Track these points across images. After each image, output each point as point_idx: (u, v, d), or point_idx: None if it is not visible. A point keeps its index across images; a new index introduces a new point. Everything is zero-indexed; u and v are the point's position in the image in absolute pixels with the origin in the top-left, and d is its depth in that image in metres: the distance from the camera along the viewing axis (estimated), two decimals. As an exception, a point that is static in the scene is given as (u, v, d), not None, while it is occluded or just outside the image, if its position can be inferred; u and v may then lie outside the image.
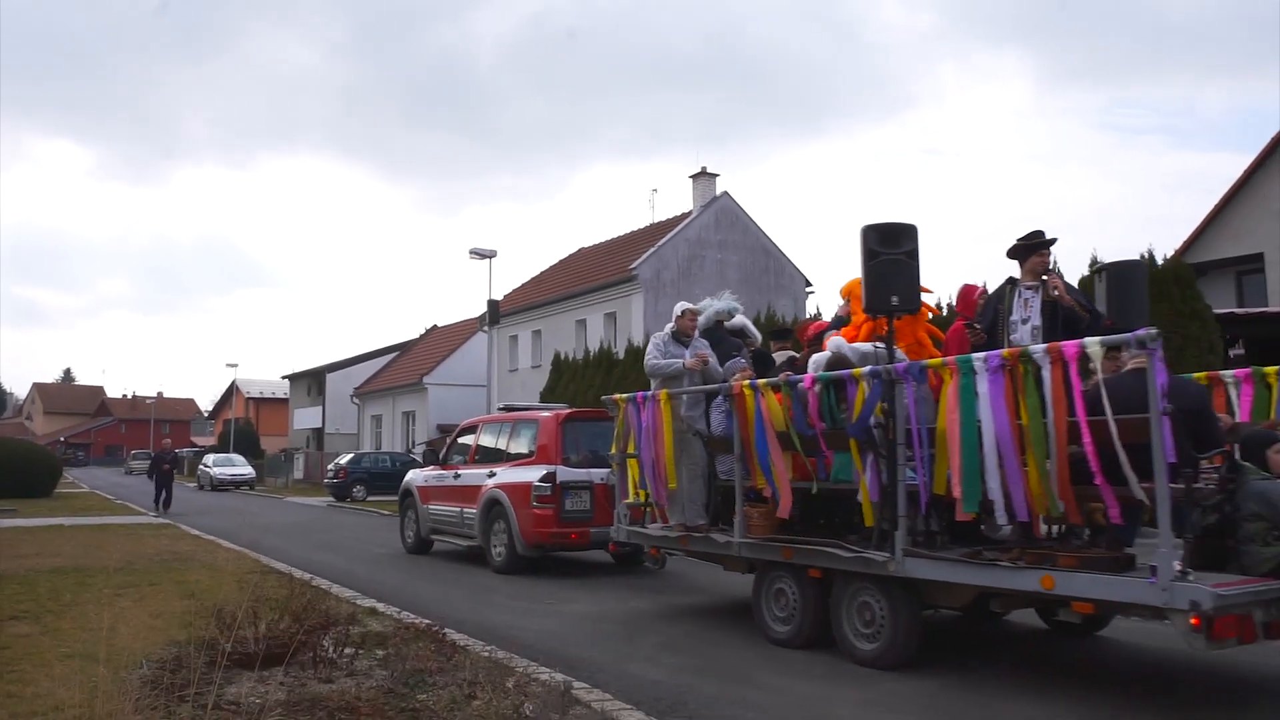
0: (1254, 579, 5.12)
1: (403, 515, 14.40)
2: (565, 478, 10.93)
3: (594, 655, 6.85)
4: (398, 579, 11.20)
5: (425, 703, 5.23)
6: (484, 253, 24.54)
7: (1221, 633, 4.84)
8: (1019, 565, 5.55)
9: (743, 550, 7.37)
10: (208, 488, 39.11)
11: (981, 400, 5.65)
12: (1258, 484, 5.41)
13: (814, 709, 5.42)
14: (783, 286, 32.46)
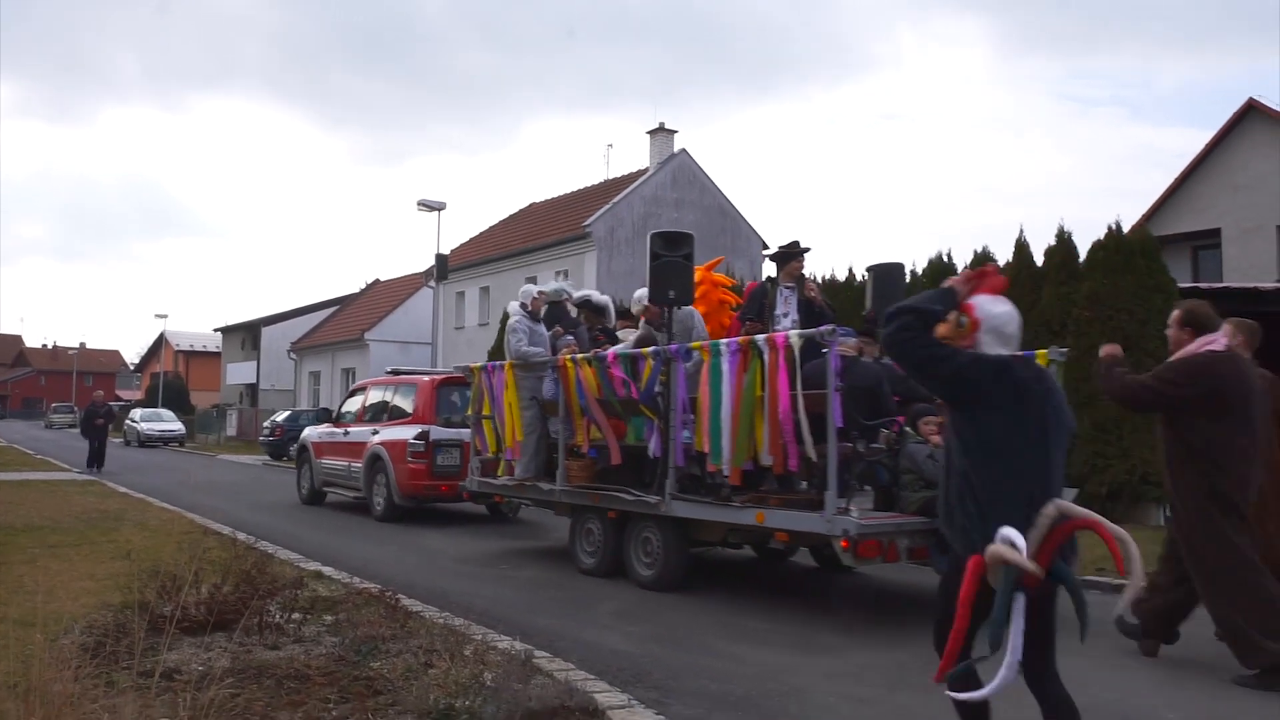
0: (902, 515, 6.76)
1: (299, 468, 15.78)
2: (438, 436, 12.32)
3: (551, 623, 6.70)
4: (342, 541, 10.94)
5: (380, 670, 5.01)
6: (432, 205, 24.03)
7: (865, 553, 6.38)
8: (744, 505, 7.16)
9: (562, 496, 8.81)
10: (135, 444, 38.16)
11: (724, 377, 7.14)
12: (910, 446, 6.98)
13: (780, 680, 5.33)
14: (739, 248, 32.34)
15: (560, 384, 8.73)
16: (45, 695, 3.27)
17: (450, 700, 4.45)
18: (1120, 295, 12.51)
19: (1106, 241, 12.93)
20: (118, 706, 3.46)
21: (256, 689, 4.68)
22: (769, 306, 8.37)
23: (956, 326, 3.51)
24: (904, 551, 6.59)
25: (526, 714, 4.35)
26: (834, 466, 6.36)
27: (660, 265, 8.05)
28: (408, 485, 12.42)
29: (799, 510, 6.80)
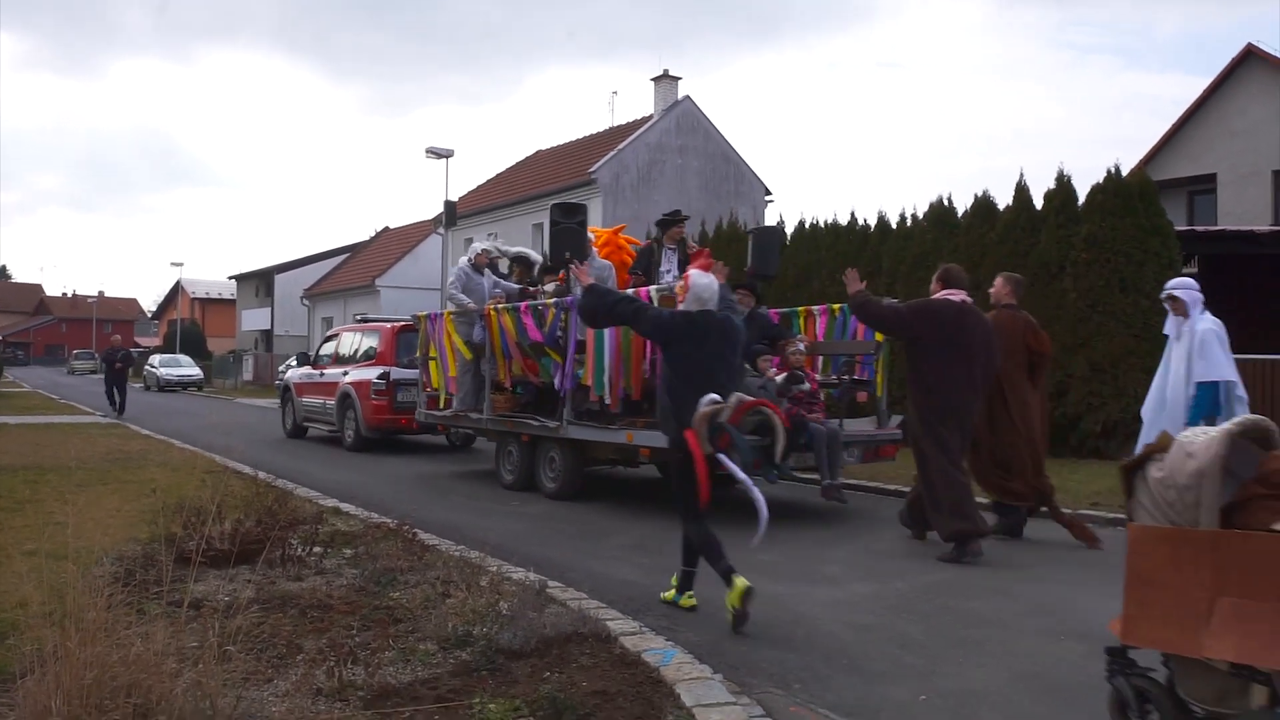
0: None
1: (283, 407, 17.64)
2: (398, 376, 13.92)
3: (563, 555, 6.88)
4: (358, 479, 11.14)
5: (399, 600, 5.22)
6: (441, 152, 23.97)
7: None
8: (619, 429, 8.58)
9: (488, 424, 10.54)
10: (154, 388, 38.58)
11: None
12: (748, 379, 8.02)
13: (787, 608, 5.50)
14: (743, 194, 32.20)
15: (486, 330, 10.25)
16: (80, 623, 3.42)
17: (468, 627, 4.63)
18: (1118, 238, 12.50)
19: (1105, 185, 12.88)
20: (150, 633, 3.61)
21: (281, 617, 4.88)
22: (655, 265, 9.92)
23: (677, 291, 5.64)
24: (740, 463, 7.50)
25: (542, 640, 4.54)
26: None
27: (559, 231, 9.72)
28: (372, 419, 14.23)
29: (647, 429, 8.25)
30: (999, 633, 5.07)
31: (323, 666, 4.06)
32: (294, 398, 16.90)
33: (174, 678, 3.42)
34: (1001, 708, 3.98)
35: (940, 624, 5.24)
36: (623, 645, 4.54)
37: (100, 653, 3.29)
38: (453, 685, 3.97)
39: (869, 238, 15.45)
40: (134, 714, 3.19)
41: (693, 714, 3.70)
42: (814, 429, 8.32)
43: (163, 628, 3.67)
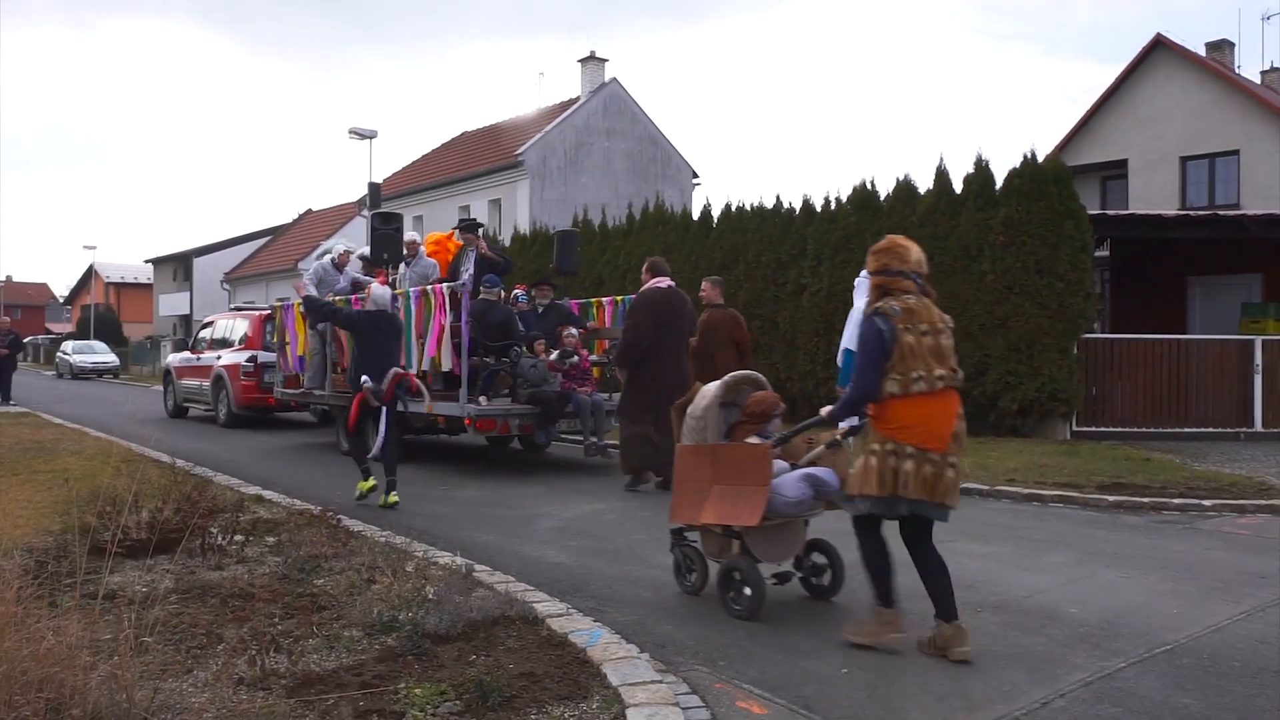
0: (514, 404, 10.28)
1: (165, 388, 19.13)
2: (264, 359, 15.24)
3: (491, 539, 6.87)
4: (280, 466, 10.97)
5: (323, 587, 5.16)
6: (364, 133, 23.57)
7: (482, 427, 9.95)
8: (433, 402, 9.88)
9: (330, 400, 12.17)
10: (68, 376, 37.38)
11: (412, 313, 10.24)
12: (523, 360, 10.28)
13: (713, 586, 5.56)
14: (670, 177, 32.30)
15: None
16: (-12, 617, 3.33)
17: (394, 613, 4.61)
18: (1034, 221, 12.84)
19: (1022, 170, 13.20)
20: (62, 626, 3.52)
21: (201, 607, 4.80)
22: (461, 263, 11.79)
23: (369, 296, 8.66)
24: (516, 427, 10.19)
25: (468, 624, 4.53)
26: (465, 374, 9.90)
27: (378, 235, 11.50)
28: (242, 398, 15.73)
29: (450, 402, 10.07)
30: (920, 605, 5.17)
31: (244, 655, 4.00)
32: (174, 380, 18.35)
33: (88, 671, 3.35)
34: (919, 678, 4.09)
35: (863, 599, 5.33)
36: (550, 627, 4.56)
37: (9, 648, 3.20)
38: (378, 671, 3.95)
39: (794, 220, 15.60)
40: (46, 709, 3.11)
41: (619, 693, 3.73)
42: (579, 399, 10.26)
43: (76, 620, 3.59)
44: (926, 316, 4.39)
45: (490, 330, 10.52)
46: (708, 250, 16.45)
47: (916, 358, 4.30)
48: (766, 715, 3.69)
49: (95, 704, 3.18)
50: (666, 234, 17.47)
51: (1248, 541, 6.93)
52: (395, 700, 3.63)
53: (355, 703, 3.61)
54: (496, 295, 10.91)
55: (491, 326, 10.51)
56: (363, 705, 3.59)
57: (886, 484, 4.30)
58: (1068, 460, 10.39)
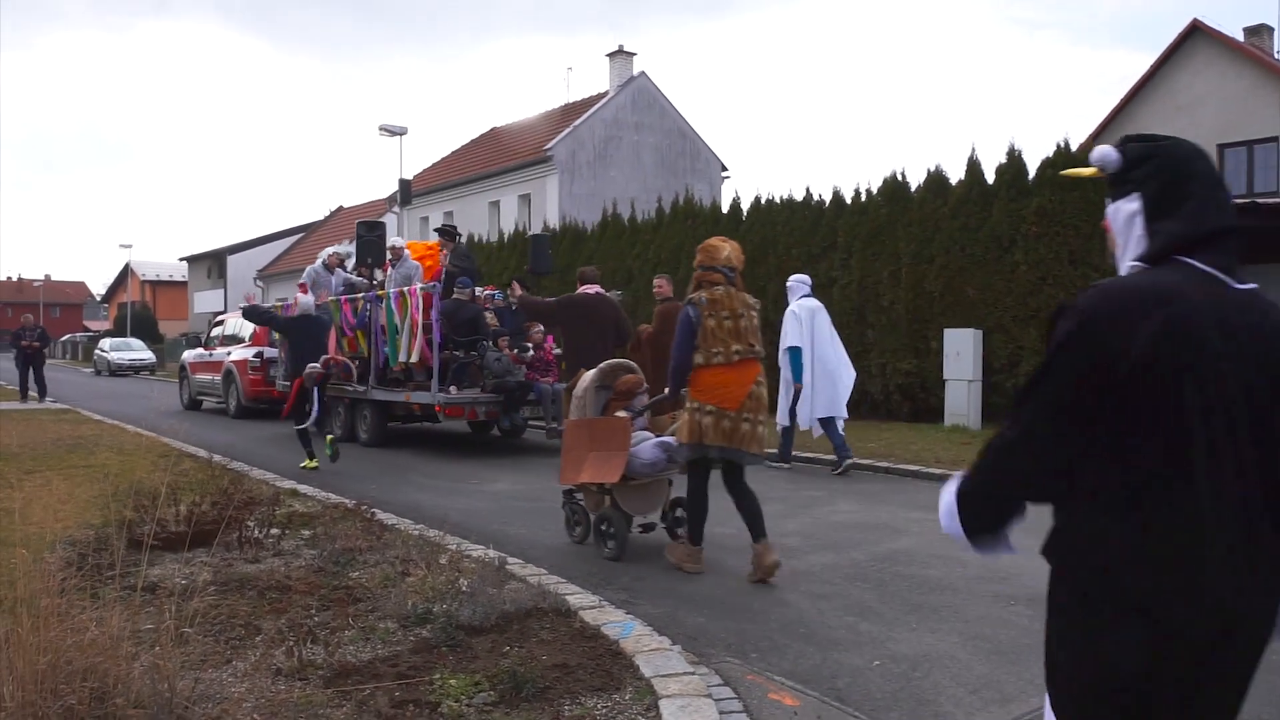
0: (480, 393, 11.40)
1: (180, 383, 20.35)
2: (269, 355, 16.12)
3: (522, 532, 6.91)
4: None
5: (358, 580, 5.21)
6: (394, 130, 23.68)
7: (451, 413, 11.43)
8: (402, 390, 11.80)
9: None
10: (105, 373, 37.93)
11: (393, 312, 11.70)
12: (489, 354, 11.47)
13: (743, 579, 5.57)
14: (699, 170, 32.24)
15: None
16: (33, 608, 3.39)
17: (428, 605, 4.65)
18: (1067, 211, 12.70)
19: (1055, 159, 13.07)
20: (104, 618, 3.58)
21: (239, 599, 4.86)
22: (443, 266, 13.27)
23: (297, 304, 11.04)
24: (483, 413, 11.59)
25: (501, 616, 4.56)
26: (437, 366, 11.23)
27: (363, 243, 13.32)
28: (250, 392, 16.63)
29: (424, 391, 11.35)
30: (951, 598, 5.18)
31: (282, 646, 4.05)
32: (189, 375, 19.46)
33: (130, 661, 3.40)
34: (950, 669, 4.08)
35: (895, 591, 5.34)
36: (582, 619, 4.58)
37: (54, 638, 3.26)
38: (413, 662, 3.99)
39: (824, 213, 15.55)
40: (90, 698, 3.17)
41: (651, 684, 3.75)
42: (540, 388, 11.56)
43: (118, 612, 3.64)
44: (728, 304, 5.54)
45: (460, 327, 11.61)
46: (738, 241, 16.42)
47: (717, 338, 5.48)
48: (799, 707, 3.70)
49: (138, 693, 3.24)
50: (695, 228, 17.46)
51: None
52: (430, 691, 3.66)
53: (391, 693, 3.65)
54: (468, 295, 11.90)
55: (461, 324, 11.62)
56: (398, 695, 3.63)
57: (694, 434, 5.52)
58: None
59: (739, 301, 5.58)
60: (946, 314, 13.43)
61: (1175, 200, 1.79)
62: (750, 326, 5.59)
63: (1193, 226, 1.77)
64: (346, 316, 12.72)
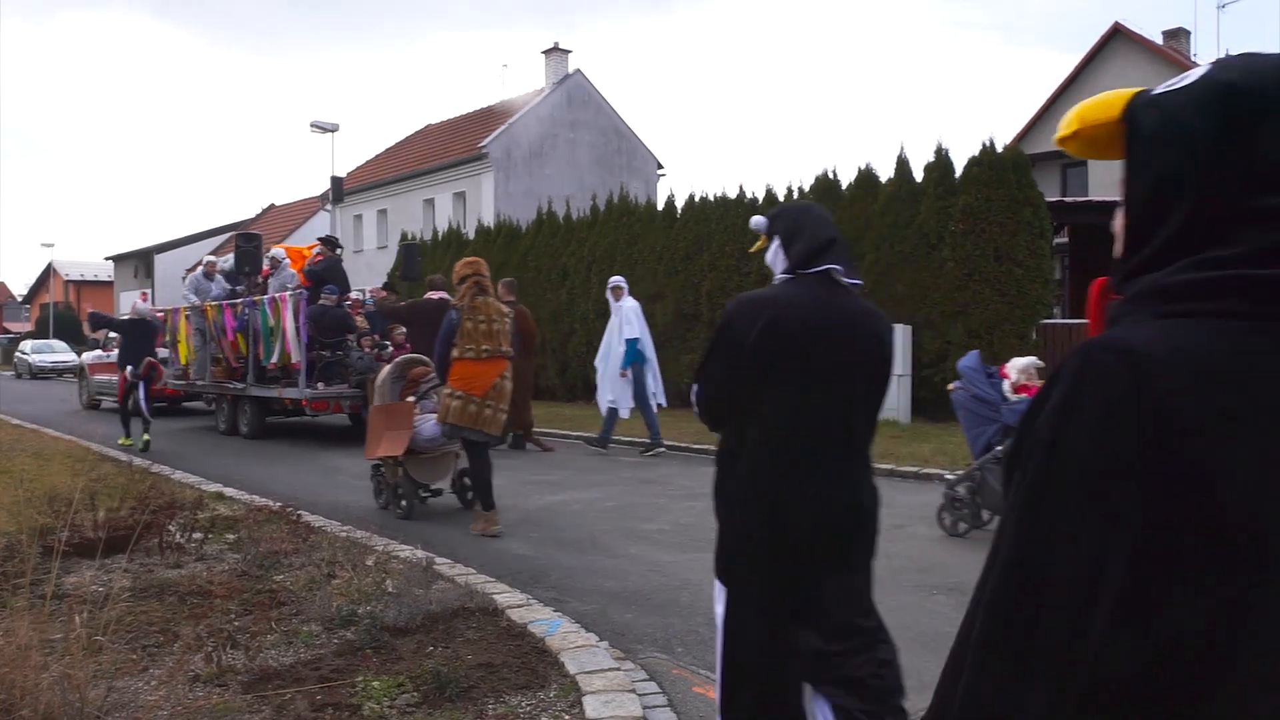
0: (345, 388, 12.48)
1: (80, 384, 20.94)
2: (164, 355, 16.12)
3: (453, 533, 6.87)
4: (242, 464, 10.87)
5: (283, 583, 5.14)
6: (325, 126, 23.34)
7: (317, 407, 12.74)
8: (276, 387, 12.93)
9: (208, 388, 14.90)
10: (27, 376, 36.79)
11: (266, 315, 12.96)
12: (353, 353, 12.55)
13: (671, 575, 5.61)
14: (635, 168, 32.28)
15: (206, 320, 14.54)
16: (-62, 618, 3.29)
17: (353, 607, 4.60)
18: (993, 209, 12.97)
19: (981, 158, 13.32)
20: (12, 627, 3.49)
21: (158, 605, 4.76)
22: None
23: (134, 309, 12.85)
24: (347, 407, 13.06)
25: (427, 616, 4.53)
26: (305, 364, 12.35)
27: (241, 253, 14.30)
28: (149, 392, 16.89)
29: (293, 387, 12.47)
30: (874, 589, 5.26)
31: (200, 652, 3.99)
32: (88, 376, 20.06)
33: (39, 671, 3.31)
34: (874, 660, 4.14)
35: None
36: (509, 618, 4.57)
37: (-44, 649, 3.17)
38: (336, 665, 3.95)
39: (757, 210, 15.66)
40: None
41: (576, 681, 3.76)
42: None
43: (27, 621, 3.55)
44: (485, 311, 6.73)
45: (326, 329, 12.63)
46: (672, 241, 16.50)
47: (472, 337, 6.62)
48: (722, 700, 3.73)
49: (47, 704, 3.16)
50: (631, 225, 17.50)
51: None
52: (353, 693, 3.63)
53: (312, 697, 3.61)
54: (333, 301, 12.81)
55: (327, 326, 12.63)
56: (320, 699, 3.59)
57: (448, 416, 6.69)
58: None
59: (494, 310, 6.84)
60: (877, 310, 13.63)
61: (795, 235, 2.72)
62: (502, 330, 6.81)
63: (806, 248, 2.67)
64: (229, 320, 13.96)
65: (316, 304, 12.57)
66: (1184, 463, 0.90)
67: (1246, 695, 0.92)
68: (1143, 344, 0.94)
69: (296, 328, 12.38)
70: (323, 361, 12.60)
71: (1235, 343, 0.93)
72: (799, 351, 2.57)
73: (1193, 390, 0.91)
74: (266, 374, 13.29)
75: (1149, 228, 1.04)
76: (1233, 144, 0.98)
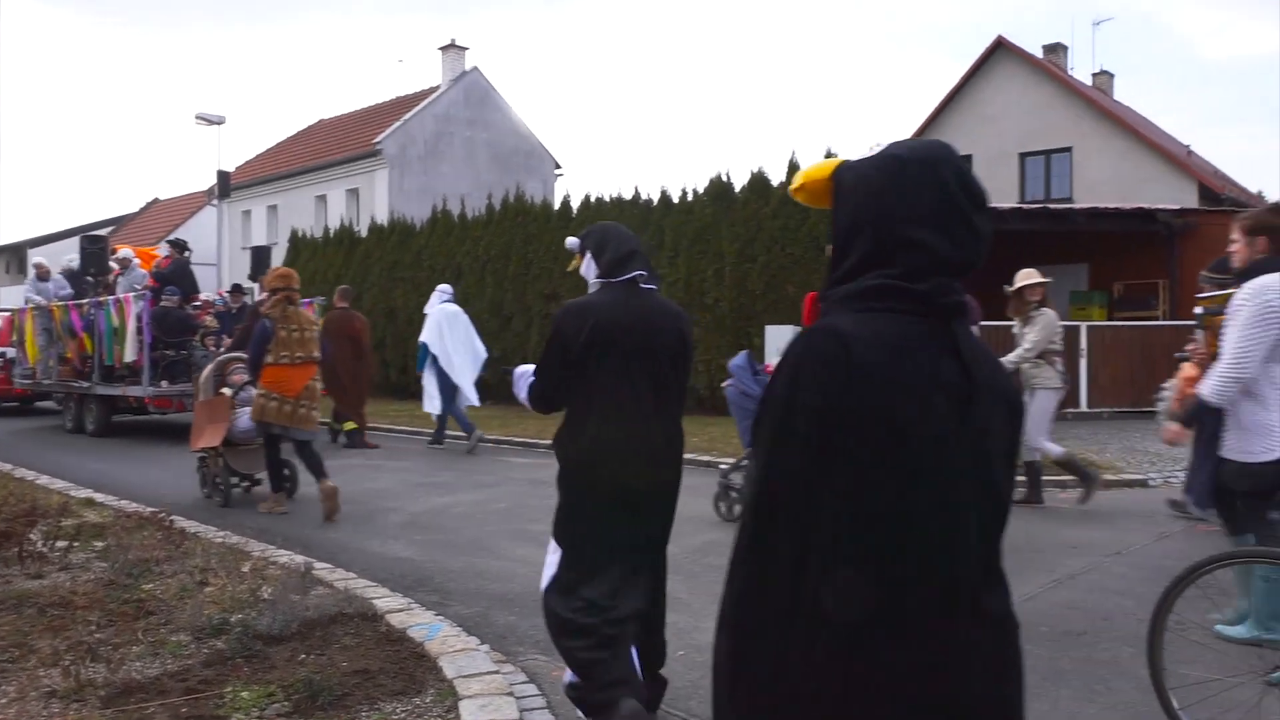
0: (189, 386, 11.98)
1: None
2: (12, 355, 16.96)
3: (336, 536, 6.73)
4: (123, 469, 10.45)
5: (152, 592, 4.96)
6: (211, 118, 22.58)
7: (159, 405, 13.38)
8: (119, 386, 13.18)
9: (56, 388, 15.08)
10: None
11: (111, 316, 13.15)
12: (196, 352, 12.73)
13: (557, 577, 5.59)
14: (532, 168, 32.11)
15: (52, 320, 14.75)
16: None
17: (225, 615, 4.47)
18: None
19: (872, 163, 13.67)
20: None
21: (16, 618, 4.54)
22: None
23: None
24: (189, 403, 12.08)
25: (304, 623, 4.43)
26: (148, 363, 12.55)
27: (86, 254, 14.86)
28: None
29: (138, 384, 12.68)
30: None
31: (58, 666, 3.82)
32: None
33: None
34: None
35: (705, 583, 5.46)
36: (389, 623, 4.50)
37: None
38: (204, 676, 3.83)
39: (652, 212, 15.76)
40: None
41: (454, 685, 3.72)
42: None
43: None
44: (296, 321, 7.49)
45: (170, 329, 13.00)
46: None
47: (282, 345, 7.34)
48: (600, 700, 3.74)
49: (-118, 725, 2.99)
50: (526, 225, 17.42)
51: (1067, 514, 7.38)
52: (220, 705, 3.52)
53: (177, 709, 3.49)
54: (174, 302, 13.17)
55: (170, 326, 12.99)
56: (185, 711, 3.48)
57: (259, 414, 7.42)
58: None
59: (304, 319, 7.64)
60: (768, 312, 13.85)
61: (602, 249, 3.44)
62: (310, 338, 7.57)
63: (611, 258, 3.41)
64: (75, 320, 14.08)
65: (159, 306, 12.97)
66: (875, 402, 1.40)
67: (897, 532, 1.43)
68: (846, 328, 1.43)
69: (139, 328, 12.69)
70: (167, 360, 13.01)
71: (902, 329, 1.44)
72: (616, 344, 3.30)
73: (879, 356, 1.41)
74: (114, 373, 13.41)
75: (846, 253, 1.52)
76: (896, 195, 1.48)
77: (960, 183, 1.49)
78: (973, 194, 1.50)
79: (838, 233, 1.54)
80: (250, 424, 7.75)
